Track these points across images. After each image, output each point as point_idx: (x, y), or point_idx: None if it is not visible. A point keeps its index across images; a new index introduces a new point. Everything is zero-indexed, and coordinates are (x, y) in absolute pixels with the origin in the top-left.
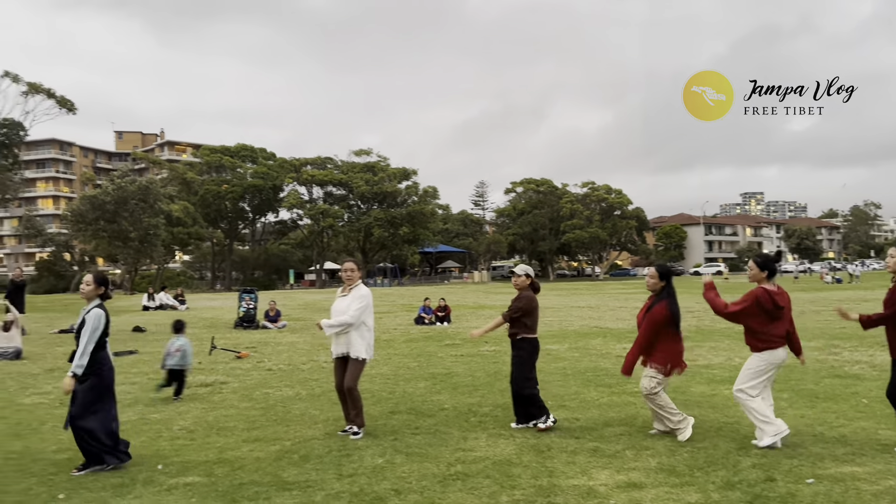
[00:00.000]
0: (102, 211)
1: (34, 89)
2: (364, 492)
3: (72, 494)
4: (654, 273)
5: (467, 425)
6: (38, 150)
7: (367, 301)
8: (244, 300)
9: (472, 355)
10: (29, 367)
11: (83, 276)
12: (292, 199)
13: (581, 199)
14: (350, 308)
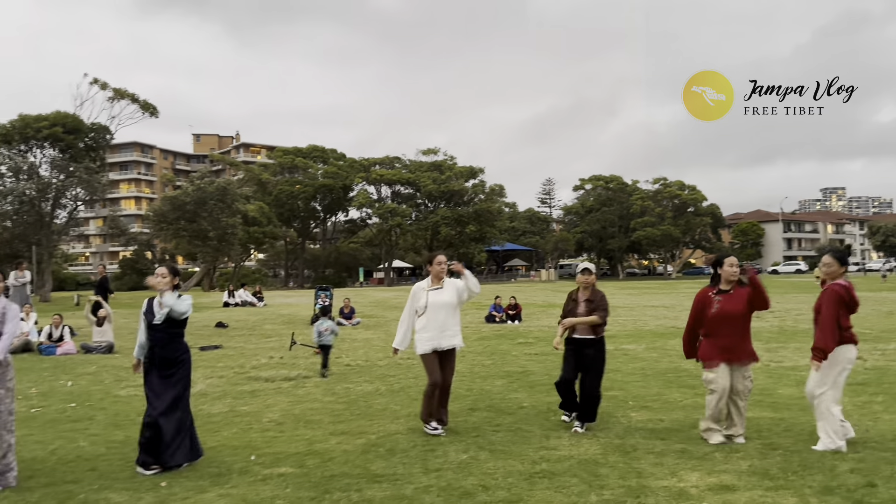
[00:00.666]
0: (183, 211)
1: (119, 95)
2: (451, 486)
3: (173, 483)
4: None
5: (548, 424)
6: (121, 153)
7: None
8: (320, 297)
9: (546, 354)
10: (121, 361)
11: (156, 269)
12: (361, 198)
13: (652, 195)
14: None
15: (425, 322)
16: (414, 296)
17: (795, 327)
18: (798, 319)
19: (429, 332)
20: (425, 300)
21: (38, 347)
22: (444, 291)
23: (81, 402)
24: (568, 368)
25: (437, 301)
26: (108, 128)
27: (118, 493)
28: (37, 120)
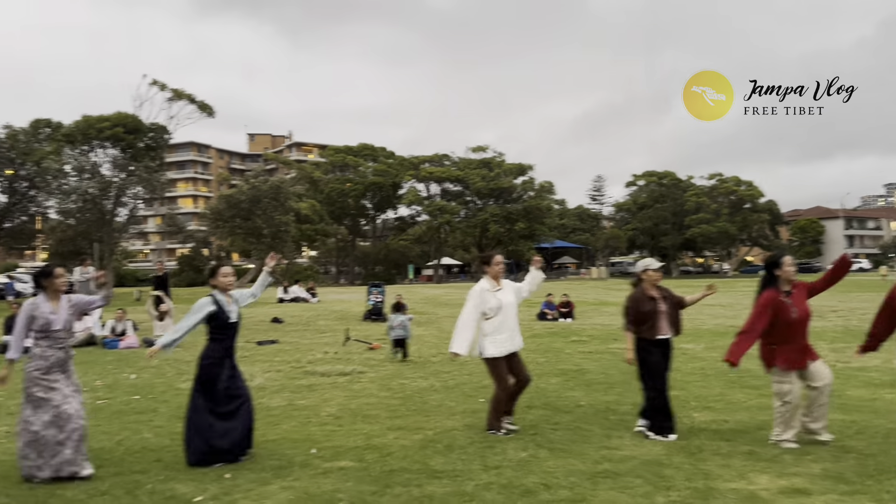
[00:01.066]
0: (238, 209)
1: (178, 95)
2: (513, 484)
3: (237, 474)
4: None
5: (608, 423)
6: (178, 152)
7: None
8: (372, 294)
9: (601, 352)
10: (182, 355)
11: (220, 269)
12: (411, 195)
13: (708, 191)
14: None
15: (498, 324)
16: (481, 297)
17: (860, 327)
18: (863, 319)
19: (503, 335)
20: (497, 302)
21: (101, 341)
22: (507, 292)
23: (145, 394)
24: (663, 376)
25: (507, 302)
26: (166, 128)
27: (184, 484)
28: (99, 120)
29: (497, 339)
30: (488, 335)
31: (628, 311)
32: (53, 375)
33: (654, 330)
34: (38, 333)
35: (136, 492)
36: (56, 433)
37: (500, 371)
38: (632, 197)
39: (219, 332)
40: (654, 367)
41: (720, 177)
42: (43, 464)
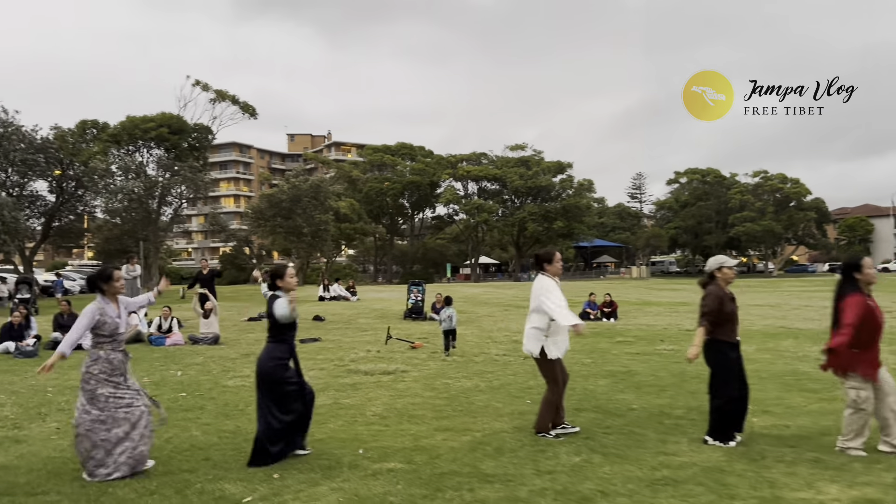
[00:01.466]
0: (279, 208)
1: (220, 96)
2: (568, 490)
3: (285, 475)
4: None
5: (663, 428)
6: (220, 153)
7: None
8: (412, 292)
9: (648, 354)
10: (227, 352)
11: (287, 269)
12: (448, 194)
13: (752, 189)
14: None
15: (560, 325)
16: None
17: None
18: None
19: (562, 336)
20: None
21: (148, 338)
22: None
23: (191, 391)
24: (741, 379)
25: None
26: (210, 128)
27: (233, 484)
28: (143, 121)
29: (558, 340)
30: (550, 336)
31: (709, 310)
32: (117, 377)
33: (734, 332)
34: (105, 337)
35: (185, 491)
36: (129, 430)
37: (558, 373)
38: (674, 195)
39: (283, 333)
40: (732, 370)
41: (765, 174)
42: (111, 462)
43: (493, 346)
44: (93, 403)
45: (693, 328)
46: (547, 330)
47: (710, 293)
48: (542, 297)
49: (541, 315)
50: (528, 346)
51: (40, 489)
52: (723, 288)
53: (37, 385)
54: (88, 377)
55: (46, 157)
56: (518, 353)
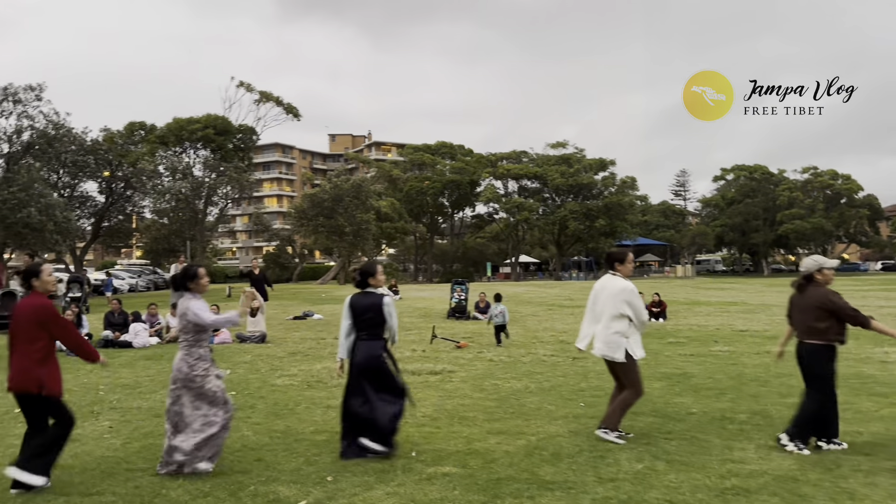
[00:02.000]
0: (321, 208)
1: (265, 97)
2: (633, 500)
3: (339, 477)
4: None
5: (727, 433)
6: (264, 153)
7: None
8: (456, 291)
9: (703, 355)
10: (274, 351)
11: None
12: (489, 193)
13: (801, 186)
14: None
15: (639, 326)
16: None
17: None
18: None
19: (639, 336)
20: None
21: None
22: None
23: (241, 390)
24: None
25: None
26: (254, 129)
27: (286, 486)
28: (189, 122)
29: (640, 341)
30: (631, 337)
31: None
32: (214, 370)
33: (844, 333)
34: (202, 334)
35: (238, 493)
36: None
37: (639, 374)
38: (720, 192)
39: (382, 329)
40: (832, 375)
41: (815, 170)
42: (213, 456)
43: (540, 346)
44: (200, 399)
45: (746, 329)
46: (628, 331)
47: (829, 293)
48: (633, 301)
49: (621, 319)
50: (610, 352)
51: (95, 489)
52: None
53: (89, 383)
54: (194, 376)
55: (96, 159)
56: (567, 353)
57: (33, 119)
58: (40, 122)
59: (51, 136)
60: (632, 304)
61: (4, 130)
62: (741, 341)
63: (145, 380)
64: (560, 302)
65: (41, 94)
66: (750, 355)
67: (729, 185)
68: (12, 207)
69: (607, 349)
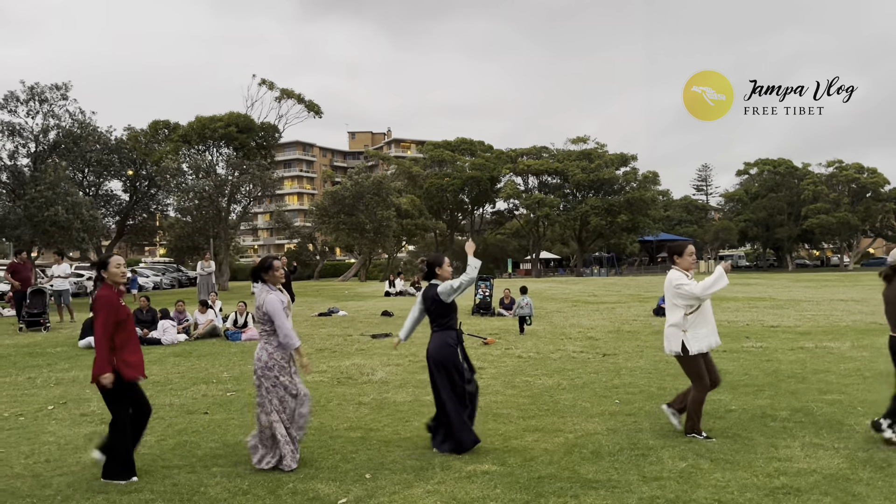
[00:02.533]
0: (343, 205)
1: (286, 95)
2: (680, 499)
3: (377, 475)
4: None
5: (769, 431)
6: (284, 151)
7: None
8: (480, 287)
9: (735, 351)
10: (302, 348)
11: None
12: (509, 189)
13: (826, 179)
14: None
15: (700, 319)
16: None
17: None
18: None
19: (704, 329)
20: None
21: (224, 333)
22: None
23: None
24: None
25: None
26: (276, 127)
27: (325, 484)
28: (212, 121)
29: (699, 335)
30: (689, 330)
31: None
32: (290, 363)
33: None
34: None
35: (278, 491)
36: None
37: (700, 368)
38: (743, 186)
39: (450, 318)
40: None
41: (839, 164)
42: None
43: (569, 342)
44: (277, 389)
45: (777, 324)
46: (685, 324)
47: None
48: (681, 289)
49: (676, 310)
50: (667, 345)
51: (133, 487)
52: None
53: None
54: (272, 364)
55: (120, 158)
56: (596, 350)
57: (59, 118)
58: (66, 121)
59: (76, 135)
60: (680, 293)
61: (31, 129)
62: (773, 337)
63: (175, 376)
64: (584, 298)
65: (67, 93)
66: (784, 351)
67: (752, 179)
68: (40, 206)
69: (665, 342)
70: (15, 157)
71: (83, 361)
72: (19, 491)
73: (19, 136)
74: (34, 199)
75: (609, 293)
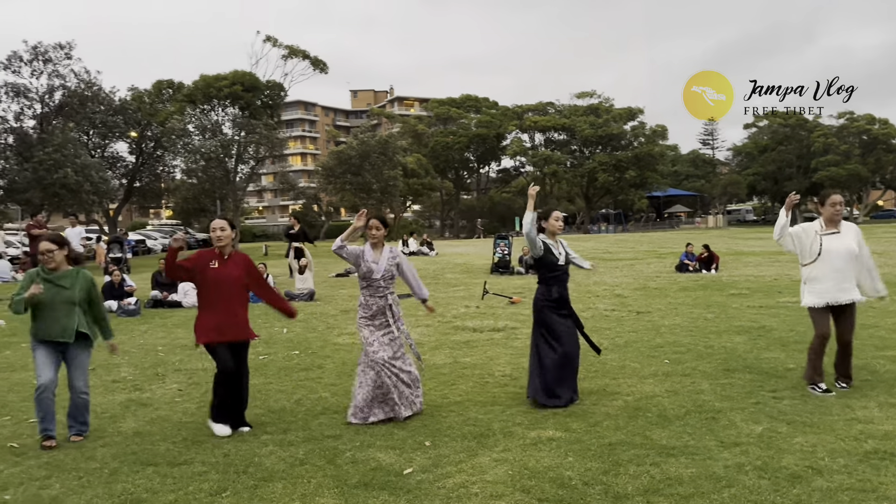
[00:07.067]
0: (349, 165)
1: (292, 52)
2: (769, 466)
3: (436, 442)
4: None
5: (837, 390)
6: (287, 111)
7: None
8: (499, 246)
9: (773, 307)
10: (326, 308)
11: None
12: (515, 146)
13: (836, 131)
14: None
15: (817, 272)
16: (798, 238)
17: None
18: None
19: (823, 284)
20: (818, 245)
21: None
22: (843, 236)
23: (303, 349)
24: None
25: (833, 248)
26: (282, 85)
27: (384, 453)
28: (216, 79)
29: (816, 289)
30: (807, 282)
31: None
32: (378, 320)
33: None
34: (362, 281)
35: (336, 460)
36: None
37: (817, 318)
38: (751, 139)
39: (549, 274)
40: None
41: (850, 115)
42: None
43: (598, 300)
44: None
45: None
46: (803, 275)
47: None
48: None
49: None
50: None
51: (182, 458)
52: None
53: (146, 344)
54: (359, 321)
55: (125, 119)
56: (628, 308)
57: (64, 78)
58: (71, 81)
59: (83, 96)
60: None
61: (36, 90)
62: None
63: None
64: (599, 255)
65: (71, 52)
66: None
67: (761, 132)
68: (48, 168)
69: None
70: (21, 119)
71: None
72: (64, 464)
73: (24, 98)
74: (42, 162)
75: (623, 250)
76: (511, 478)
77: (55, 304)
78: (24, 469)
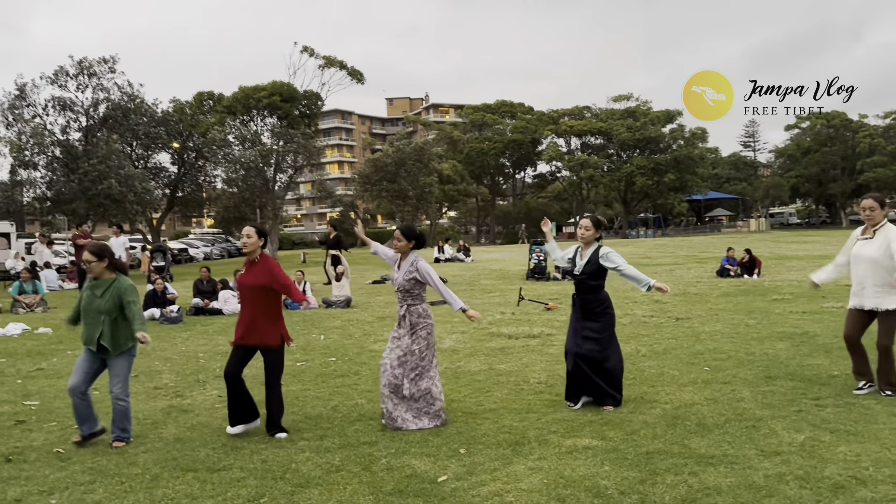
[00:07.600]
0: (385, 172)
1: (328, 62)
2: (811, 476)
3: (471, 449)
4: None
5: (883, 398)
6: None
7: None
8: (535, 252)
9: (817, 313)
10: (362, 315)
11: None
12: (551, 151)
13: (883, 132)
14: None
15: (851, 275)
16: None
17: None
18: None
19: (853, 288)
20: (850, 250)
21: (284, 303)
22: (872, 243)
23: (340, 356)
24: None
25: (859, 254)
26: (319, 95)
27: (419, 460)
28: (255, 90)
29: (851, 291)
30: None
31: None
32: (399, 326)
33: None
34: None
35: (371, 467)
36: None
37: (845, 322)
38: (794, 141)
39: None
40: None
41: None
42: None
43: (636, 306)
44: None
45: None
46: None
47: None
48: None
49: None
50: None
51: (221, 464)
52: None
53: (187, 351)
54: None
55: (167, 130)
56: (667, 314)
57: (108, 91)
58: (115, 94)
59: (126, 108)
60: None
61: (81, 104)
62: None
63: None
64: (637, 261)
65: (114, 66)
66: None
67: (804, 133)
68: (94, 179)
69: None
70: (67, 132)
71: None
72: (107, 469)
73: (70, 111)
74: (87, 173)
75: (662, 255)
76: (546, 486)
77: (89, 311)
78: (68, 474)
